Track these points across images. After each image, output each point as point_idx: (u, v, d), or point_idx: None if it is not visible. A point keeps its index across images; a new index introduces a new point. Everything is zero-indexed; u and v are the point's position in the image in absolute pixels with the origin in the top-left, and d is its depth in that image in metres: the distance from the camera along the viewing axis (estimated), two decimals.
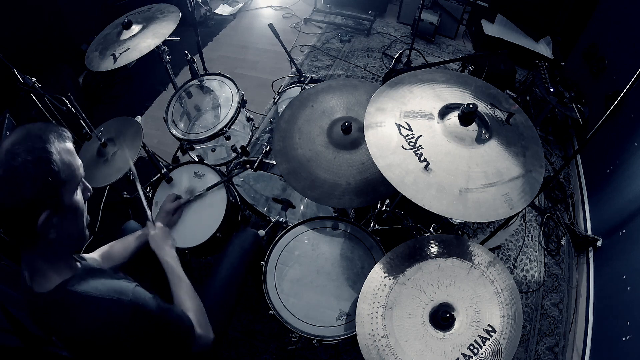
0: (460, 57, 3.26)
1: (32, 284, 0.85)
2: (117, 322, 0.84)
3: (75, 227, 0.87)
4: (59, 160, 0.78)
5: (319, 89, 1.49)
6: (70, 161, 0.81)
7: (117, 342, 0.86)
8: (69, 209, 0.83)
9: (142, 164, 2.21)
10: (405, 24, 3.64)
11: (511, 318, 0.98)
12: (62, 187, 0.79)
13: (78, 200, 0.85)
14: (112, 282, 0.89)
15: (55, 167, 0.77)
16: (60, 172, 0.78)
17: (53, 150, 0.78)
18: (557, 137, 2.67)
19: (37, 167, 0.75)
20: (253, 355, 1.79)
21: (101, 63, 1.67)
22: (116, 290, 0.86)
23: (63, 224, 0.82)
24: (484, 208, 0.97)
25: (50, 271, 0.85)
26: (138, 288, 0.91)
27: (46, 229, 0.79)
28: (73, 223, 0.86)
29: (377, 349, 0.98)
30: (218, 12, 3.79)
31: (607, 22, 2.44)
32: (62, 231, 0.82)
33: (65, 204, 0.81)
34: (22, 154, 0.74)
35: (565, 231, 2.22)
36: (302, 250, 1.43)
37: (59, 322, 0.86)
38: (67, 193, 0.81)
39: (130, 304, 0.85)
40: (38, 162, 0.75)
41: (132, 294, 0.87)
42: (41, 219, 0.77)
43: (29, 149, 0.75)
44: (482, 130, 1.09)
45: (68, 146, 0.83)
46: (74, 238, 0.89)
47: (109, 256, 1.26)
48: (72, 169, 0.82)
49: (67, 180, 0.80)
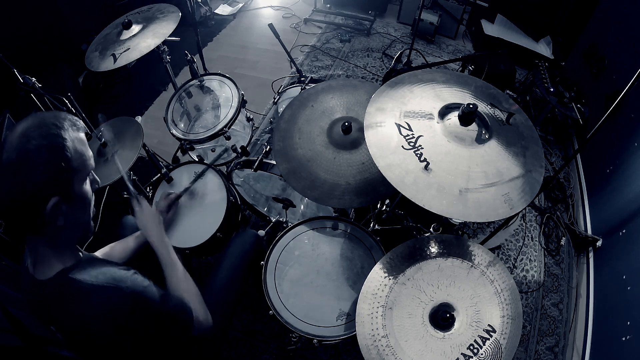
0: (460, 57, 3.26)
1: (34, 271, 0.86)
2: (115, 310, 0.85)
3: (82, 217, 0.88)
4: (72, 148, 0.79)
5: (319, 89, 1.49)
6: (82, 150, 0.83)
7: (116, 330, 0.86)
8: (78, 198, 0.84)
9: (142, 164, 2.21)
10: (405, 24, 3.64)
11: (511, 318, 0.98)
12: (73, 175, 0.81)
13: (87, 191, 0.86)
14: (111, 270, 0.89)
15: (69, 153, 0.78)
16: (72, 159, 0.79)
17: (67, 137, 0.79)
18: (557, 137, 2.67)
19: (51, 153, 0.76)
20: (253, 355, 1.79)
21: (101, 63, 1.67)
22: (115, 279, 0.87)
23: (71, 212, 0.83)
24: (484, 208, 0.97)
25: (53, 259, 0.86)
26: (136, 275, 0.92)
27: (54, 216, 0.80)
28: (81, 212, 0.87)
29: (377, 349, 0.98)
30: (218, 12, 3.79)
31: (607, 22, 2.44)
32: (70, 219, 0.83)
33: (75, 192, 0.82)
34: (37, 138, 0.75)
35: (565, 231, 2.22)
36: (302, 250, 1.43)
37: (58, 310, 0.87)
38: (77, 182, 0.82)
39: (128, 291, 0.86)
40: (52, 148, 0.76)
41: (131, 281, 0.88)
42: (50, 204, 0.77)
43: (44, 134, 0.76)
44: (482, 130, 1.09)
45: (81, 136, 0.84)
46: (80, 228, 0.90)
47: (109, 257, 1.27)
48: (83, 159, 0.83)
49: (78, 169, 0.81)
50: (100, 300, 0.84)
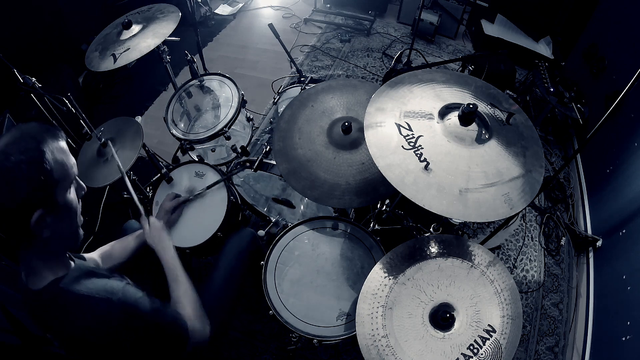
0: (460, 57, 3.26)
1: (27, 282, 0.86)
2: (105, 321, 0.85)
3: (69, 226, 0.88)
4: (52, 159, 0.78)
5: (319, 89, 1.49)
6: (63, 160, 0.81)
7: (107, 341, 0.86)
8: (63, 207, 0.83)
9: (142, 164, 2.21)
10: (405, 24, 3.64)
11: (511, 318, 0.98)
12: (55, 186, 0.80)
13: (72, 199, 0.85)
14: (103, 281, 0.89)
15: (48, 166, 0.77)
16: (53, 171, 0.78)
17: (46, 149, 0.78)
18: (557, 137, 2.67)
19: (31, 167, 0.75)
20: (253, 355, 1.79)
21: (101, 63, 1.67)
22: (106, 290, 0.87)
23: (57, 223, 0.82)
24: (484, 208, 0.97)
25: (44, 269, 0.85)
26: (128, 287, 0.91)
27: (39, 228, 0.79)
28: (67, 222, 0.86)
29: (377, 349, 0.98)
30: (218, 12, 3.79)
31: (607, 22, 2.44)
32: (56, 230, 0.82)
33: (59, 202, 0.82)
34: (15, 154, 0.74)
35: (565, 231, 2.22)
36: (302, 250, 1.43)
37: (52, 320, 0.87)
38: (60, 192, 0.81)
39: (118, 302, 0.86)
40: (31, 162, 0.75)
41: (122, 293, 0.88)
42: (34, 218, 0.77)
43: (22, 149, 0.75)
44: (482, 130, 1.09)
45: (61, 145, 0.83)
46: (68, 237, 0.89)
47: (109, 256, 1.27)
48: (65, 168, 0.82)
49: (60, 179, 0.80)
50: (90, 311, 0.84)
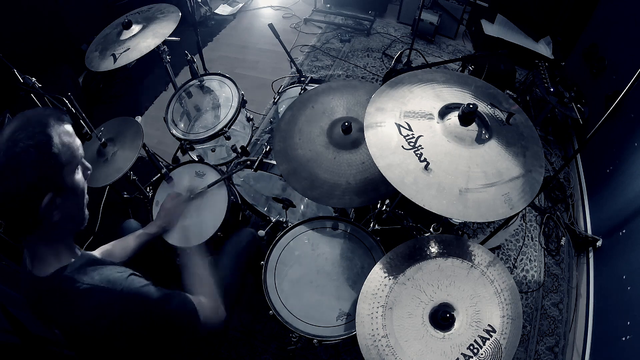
0: (460, 57, 3.26)
1: (32, 268, 0.86)
2: (108, 312, 0.85)
3: (77, 207, 0.89)
4: (59, 143, 0.80)
5: (319, 90, 1.49)
6: (69, 142, 0.83)
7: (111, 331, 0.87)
8: (71, 189, 0.85)
9: (142, 164, 2.21)
10: (405, 24, 3.63)
11: (511, 318, 0.98)
12: (63, 169, 0.81)
13: (79, 180, 0.87)
14: (107, 272, 0.90)
15: (56, 149, 0.79)
16: (61, 154, 0.80)
17: (53, 133, 0.79)
18: (557, 137, 2.67)
19: (39, 152, 0.77)
20: (253, 355, 1.79)
21: (101, 63, 1.67)
22: (109, 280, 0.87)
23: (65, 205, 0.84)
24: (484, 208, 0.97)
25: (50, 255, 0.86)
26: (132, 277, 0.92)
27: (49, 211, 0.80)
28: (74, 203, 0.88)
29: (377, 349, 0.98)
30: (218, 12, 3.79)
31: (607, 22, 2.44)
32: (65, 212, 0.84)
33: (67, 184, 0.83)
34: (23, 139, 0.76)
35: (565, 231, 2.22)
36: (302, 250, 1.43)
37: (55, 309, 0.87)
38: (68, 174, 0.83)
39: (121, 293, 0.86)
40: (39, 147, 0.77)
41: (125, 283, 0.88)
42: (44, 201, 0.78)
43: (30, 135, 0.77)
44: (482, 130, 1.09)
45: (67, 128, 0.84)
46: (76, 219, 0.90)
47: (110, 255, 1.27)
48: (71, 150, 0.83)
49: (67, 162, 0.82)
50: (91, 301, 0.84)
